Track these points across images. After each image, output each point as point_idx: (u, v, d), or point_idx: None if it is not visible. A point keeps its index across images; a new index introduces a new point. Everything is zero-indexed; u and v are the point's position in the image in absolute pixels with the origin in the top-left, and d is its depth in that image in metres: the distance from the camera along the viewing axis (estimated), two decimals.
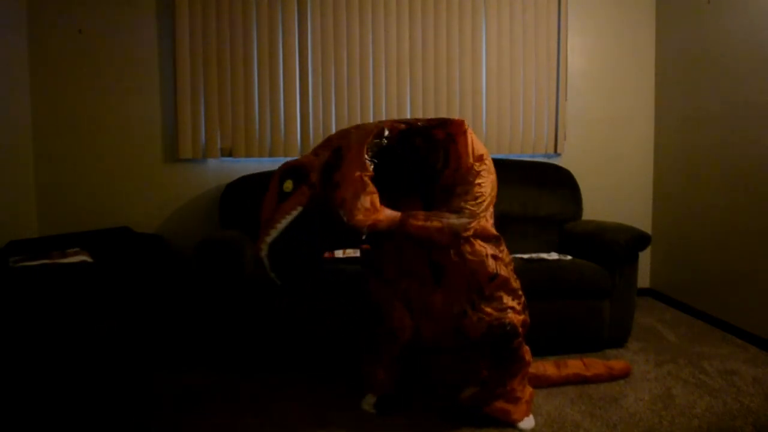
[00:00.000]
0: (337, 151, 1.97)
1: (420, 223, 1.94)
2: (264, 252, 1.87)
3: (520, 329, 1.98)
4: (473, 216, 1.98)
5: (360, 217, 1.84)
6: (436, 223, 1.94)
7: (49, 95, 3.17)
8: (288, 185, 1.92)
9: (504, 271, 2.02)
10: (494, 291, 1.99)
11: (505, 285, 2.01)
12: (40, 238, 2.91)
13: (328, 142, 2.05)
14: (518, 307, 2.02)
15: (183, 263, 3.11)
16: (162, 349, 2.76)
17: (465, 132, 2.04)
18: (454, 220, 1.96)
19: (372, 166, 1.90)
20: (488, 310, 1.97)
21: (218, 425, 2.04)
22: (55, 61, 3.16)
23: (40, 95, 3.16)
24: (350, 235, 1.92)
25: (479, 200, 2.02)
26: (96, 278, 2.46)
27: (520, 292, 2.06)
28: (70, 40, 3.17)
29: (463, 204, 2.00)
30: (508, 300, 2.00)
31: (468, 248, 1.98)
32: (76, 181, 3.23)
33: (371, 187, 1.87)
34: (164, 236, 3.25)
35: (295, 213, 1.88)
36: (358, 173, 1.87)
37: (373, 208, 1.87)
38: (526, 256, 2.84)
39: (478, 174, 2.03)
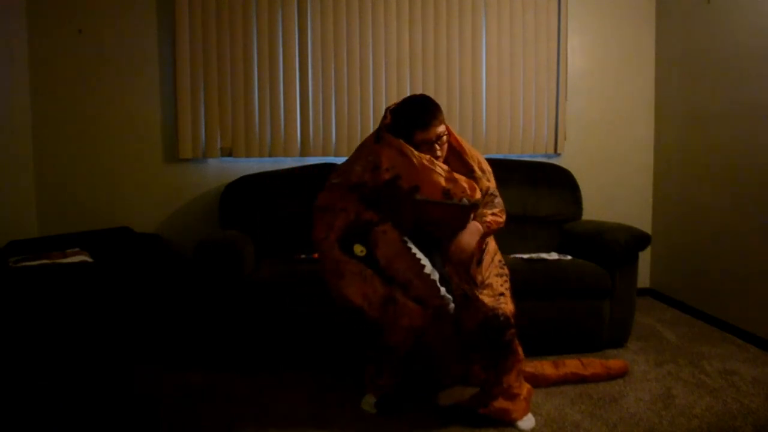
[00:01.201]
0: (357, 186, 1.96)
1: (497, 219, 2.05)
2: (442, 290, 1.85)
3: (512, 320, 1.99)
4: (499, 194, 2.10)
5: (468, 191, 1.87)
6: (501, 212, 2.06)
7: (49, 95, 3.17)
8: (361, 249, 1.89)
9: (491, 248, 2.07)
10: (484, 276, 2.00)
11: (493, 264, 2.03)
12: (40, 238, 2.91)
13: (324, 202, 2.03)
14: (507, 293, 2.03)
15: (183, 263, 3.11)
16: (162, 348, 2.76)
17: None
18: (500, 201, 2.08)
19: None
20: (483, 298, 1.97)
21: (218, 425, 2.05)
22: (55, 61, 3.16)
23: (40, 95, 3.16)
24: (460, 219, 1.92)
25: (491, 177, 2.11)
26: (96, 278, 2.46)
27: (506, 275, 2.08)
28: (70, 40, 3.17)
29: (488, 185, 2.06)
30: (497, 285, 2.01)
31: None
32: (76, 181, 3.23)
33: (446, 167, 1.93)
34: (164, 236, 3.25)
35: (411, 243, 1.85)
36: (431, 162, 1.88)
37: (469, 182, 1.91)
38: (526, 256, 2.84)
39: (472, 153, 2.09)
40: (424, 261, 1.84)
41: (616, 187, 3.69)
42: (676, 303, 3.48)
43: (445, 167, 1.91)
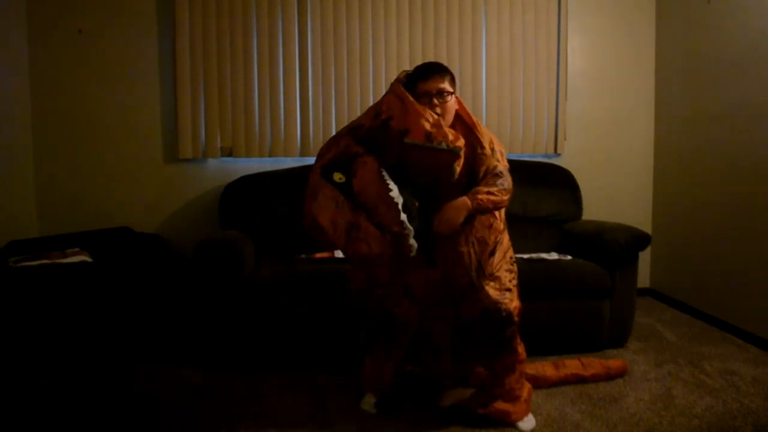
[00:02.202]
0: (355, 129, 2.00)
1: (491, 197, 2.00)
2: (403, 216, 1.87)
3: (516, 318, 1.99)
4: (508, 172, 2.07)
5: (451, 137, 1.89)
6: (499, 192, 2.01)
7: (49, 95, 3.17)
8: (340, 176, 1.93)
9: (504, 243, 2.06)
10: (495, 268, 2.00)
11: (504, 260, 2.03)
12: (40, 238, 2.91)
13: (326, 147, 2.06)
14: (515, 290, 2.03)
15: (183, 263, 3.11)
16: (162, 348, 2.76)
17: (457, 97, 2.09)
18: (503, 181, 2.04)
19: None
20: (488, 290, 1.98)
21: (218, 425, 2.05)
22: (55, 61, 3.16)
23: (40, 95, 3.16)
24: (444, 166, 1.93)
25: (503, 157, 2.08)
26: (96, 278, 2.46)
27: (515, 273, 2.08)
28: (70, 40, 3.16)
29: (497, 164, 2.05)
30: (506, 280, 2.02)
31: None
32: (76, 181, 3.23)
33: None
34: (164, 236, 3.25)
35: (385, 173, 1.91)
36: (423, 109, 1.91)
37: (455, 133, 1.93)
38: (526, 256, 2.84)
39: (484, 131, 2.07)
40: (392, 187, 1.90)
41: (616, 187, 3.69)
42: (676, 303, 3.48)
43: (435, 116, 1.94)
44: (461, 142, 1.92)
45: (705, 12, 3.20)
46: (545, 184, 3.26)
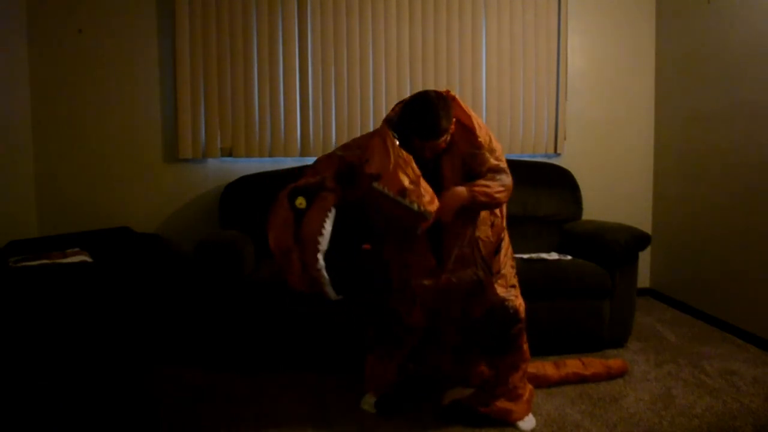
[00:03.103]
0: (341, 158, 2.00)
1: (487, 190, 1.95)
2: (321, 264, 1.87)
3: (522, 315, 2.00)
4: (508, 171, 2.05)
5: (425, 200, 1.86)
6: (498, 187, 1.97)
7: (49, 95, 3.17)
8: (301, 201, 1.95)
9: (506, 240, 2.07)
10: (501, 264, 2.01)
11: (507, 257, 2.04)
12: (40, 238, 2.91)
13: (318, 165, 2.07)
14: (518, 286, 2.04)
15: (183, 263, 3.11)
16: (162, 348, 2.76)
17: (453, 98, 2.05)
18: (503, 178, 2.01)
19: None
20: (496, 287, 1.98)
21: (218, 424, 2.05)
22: (55, 61, 3.16)
23: (40, 95, 3.16)
24: (412, 222, 1.90)
25: (502, 155, 2.08)
26: (96, 278, 2.45)
27: (516, 269, 2.10)
28: (70, 40, 3.16)
29: (498, 162, 2.04)
30: (511, 276, 2.04)
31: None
32: (76, 182, 3.23)
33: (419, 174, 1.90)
34: (164, 236, 3.24)
35: (331, 215, 1.91)
36: (406, 162, 1.88)
37: (433, 195, 1.90)
38: (526, 256, 2.84)
39: (481, 133, 2.06)
40: (325, 233, 1.91)
41: (616, 187, 3.69)
42: (676, 303, 3.48)
43: (418, 173, 1.90)
44: (434, 207, 1.88)
45: (705, 12, 3.20)
46: (545, 184, 3.26)
